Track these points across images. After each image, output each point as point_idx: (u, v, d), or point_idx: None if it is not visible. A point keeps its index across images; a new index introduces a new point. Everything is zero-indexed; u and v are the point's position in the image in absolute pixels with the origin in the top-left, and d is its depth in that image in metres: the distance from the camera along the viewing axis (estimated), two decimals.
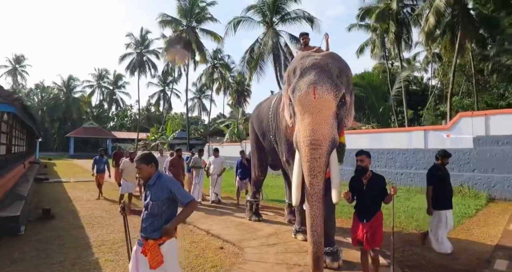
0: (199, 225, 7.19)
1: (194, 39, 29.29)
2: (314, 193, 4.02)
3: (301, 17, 21.92)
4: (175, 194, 3.05)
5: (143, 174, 3.14)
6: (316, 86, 4.22)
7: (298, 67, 4.63)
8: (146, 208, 3.06)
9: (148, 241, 2.97)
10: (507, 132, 10.79)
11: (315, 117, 4.15)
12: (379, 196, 4.07)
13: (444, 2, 17.01)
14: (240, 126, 22.83)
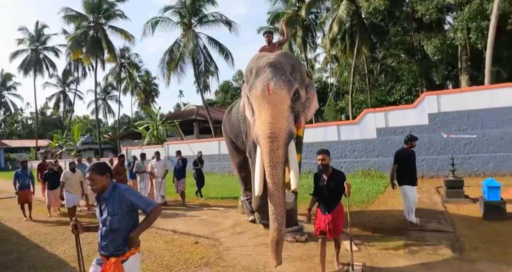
0: (163, 226, 7.61)
1: (103, 36, 27.63)
2: (274, 183, 4.33)
3: (219, 20, 22.81)
4: (137, 204, 2.84)
5: (97, 186, 2.84)
6: (270, 83, 4.58)
7: (254, 67, 5.03)
8: (104, 224, 2.80)
9: (110, 260, 2.76)
10: (401, 124, 13.52)
11: (271, 112, 4.47)
12: (339, 190, 4.37)
13: (345, 13, 19.84)
14: (160, 127, 22.66)
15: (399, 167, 6.36)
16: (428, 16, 19.35)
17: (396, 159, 6.43)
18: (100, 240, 2.82)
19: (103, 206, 2.84)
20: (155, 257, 5.60)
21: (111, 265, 2.72)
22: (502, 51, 22.29)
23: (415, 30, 24.77)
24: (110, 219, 2.76)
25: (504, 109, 11.83)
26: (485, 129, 12.08)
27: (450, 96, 13.19)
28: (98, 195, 2.90)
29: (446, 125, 12.59)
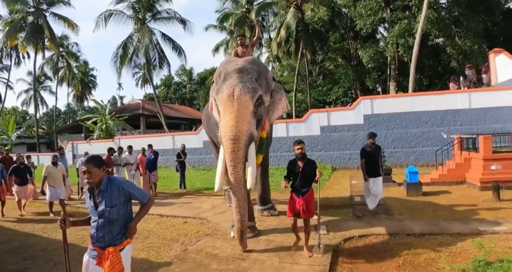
0: (150, 212, 8.54)
1: (45, 23, 26.24)
2: (236, 180, 4.75)
3: (173, 17, 23.43)
4: (135, 195, 2.99)
5: (95, 179, 2.88)
6: (235, 88, 4.89)
7: (223, 71, 5.35)
8: (101, 215, 2.87)
9: (108, 249, 2.85)
10: (341, 122, 15.91)
11: (234, 116, 4.80)
12: (311, 176, 4.92)
13: (293, 20, 21.93)
14: (110, 122, 22.66)
15: (366, 161, 7.11)
16: (365, 30, 22.39)
17: (361, 155, 7.23)
18: (95, 231, 2.87)
19: (99, 199, 2.89)
20: (157, 234, 6.59)
21: (109, 255, 2.81)
22: (424, 62, 26.38)
23: (352, 38, 27.99)
24: (109, 211, 2.84)
25: (422, 112, 14.77)
26: (407, 128, 14.92)
27: (382, 100, 15.93)
28: (90, 187, 2.96)
29: (377, 125, 15.22)
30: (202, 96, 45.77)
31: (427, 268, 4.40)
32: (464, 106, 14.51)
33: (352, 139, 15.72)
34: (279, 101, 5.88)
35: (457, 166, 10.48)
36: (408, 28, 19.39)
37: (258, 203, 7.48)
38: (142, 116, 28.73)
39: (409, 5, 20.07)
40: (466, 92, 14.96)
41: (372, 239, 5.61)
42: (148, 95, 51.06)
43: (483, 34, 21.08)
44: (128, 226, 2.95)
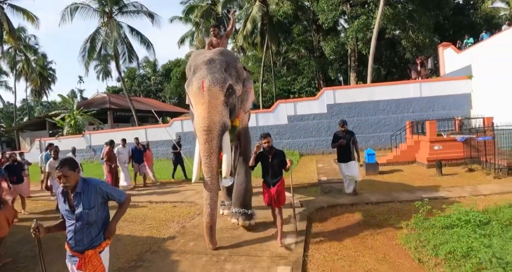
0: (137, 200, 9.19)
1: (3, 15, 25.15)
2: (209, 171, 4.83)
3: (141, 11, 23.52)
4: (112, 195, 2.97)
5: (71, 182, 2.79)
6: (204, 80, 4.94)
7: (192, 64, 5.42)
8: (79, 218, 2.79)
9: (87, 252, 2.81)
10: (307, 112, 17.24)
11: (205, 107, 4.88)
12: (280, 166, 5.15)
13: (259, 14, 22.89)
14: (78, 117, 22.60)
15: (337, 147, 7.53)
16: (326, 25, 23.83)
17: (332, 140, 7.75)
18: (73, 235, 2.80)
19: (76, 201, 2.81)
20: (152, 217, 7.35)
21: (89, 258, 2.78)
22: (382, 53, 28.38)
23: (315, 31, 29.41)
24: (87, 213, 2.78)
25: (379, 101, 16.42)
26: (366, 116, 16.53)
27: (343, 91, 17.43)
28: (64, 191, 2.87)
29: (339, 113, 16.69)
30: (168, 88, 45.71)
31: (380, 225, 5.68)
32: (416, 95, 16.31)
33: (317, 127, 17.12)
34: (250, 90, 6.09)
35: (409, 148, 12.11)
36: (366, 23, 21.03)
37: (232, 203, 6.27)
38: (109, 110, 28.66)
39: (367, 1, 21.67)
40: (417, 83, 16.79)
41: (338, 208, 6.88)
42: (111, 88, 50.10)
43: (434, 27, 23.22)
44: (107, 227, 2.94)
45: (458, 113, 15.01)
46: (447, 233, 4.77)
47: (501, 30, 16.01)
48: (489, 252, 3.85)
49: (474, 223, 4.91)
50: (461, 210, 5.42)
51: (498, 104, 13.32)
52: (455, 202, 6.12)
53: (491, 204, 6.18)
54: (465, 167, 10.15)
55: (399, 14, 21.58)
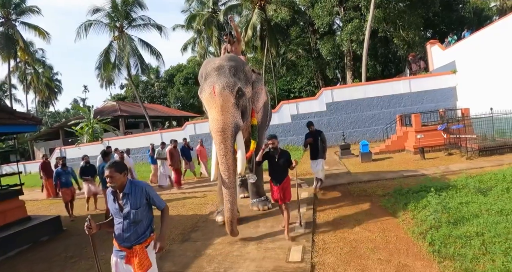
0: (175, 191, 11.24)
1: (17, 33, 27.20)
2: (225, 169, 5.16)
3: (149, 24, 25.61)
4: (153, 199, 3.23)
5: (117, 183, 3.08)
6: (215, 85, 5.37)
7: (203, 72, 5.88)
8: (127, 217, 3.08)
9: (135, 248, 3.09)
10: (308, 111, 19.23)
11: (218, 110, 5.28)
12: (286, 166, 5.54)
13: (258, 20, 24.93)
14: (96, 125, 24.65)
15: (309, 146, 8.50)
16: (322, 28, 25.89)
17: (304, 141, 8.69)
18: (121, 232, 3.09)
19: (124, 201, 3.10)
20: (190, 203, 9.25)
21: (136, 253, 3.06)
22: (377, 50, 30.35)
23: (312, 32, 31.43)
24: (134, 212, 3.07)
25: (373, 98, 18.39)
26: (362, 111, 18.51)
27: (340, 90, 19.42)
28: (114, 191, 3.16)
29: (338, 110, 18.67)
30: (172, 93, 47.72)
31: (369, 195, 7.67)
32: (406, 91, 18.29)
33: (317, 123, 18.97)
34: (261, 90, 6.51)
35: (398, 138, 14.09)
36: (359, 26, 23.01)
37: (250, 196, 7.59)
38: (120, 117, 30.68)
39: (359, 6, 23.65)
40: (407, 79, 18.77)
41: (337, 186, 8.87)
42: (116, 96, 52.18)
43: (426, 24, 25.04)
44: (160, 237, 3.22)
45: (446, 105, 16.95)
46: (415, 196, 6.76)
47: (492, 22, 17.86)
48: (439, 203, 5.80)
49: (434, 189, 6.88)
50: (427, 181, 7.41)
51: (478, 96, 15.30)
52: (428, 178, 8.11)
53: (456, 178, 8.15)
54: (445, 152, 12.10)
55: (390, 16, 23.54)
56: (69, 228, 8.14)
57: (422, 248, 4.60)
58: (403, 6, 23.57)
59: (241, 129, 5.64)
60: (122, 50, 24.43)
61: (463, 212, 5.42)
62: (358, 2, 23.27)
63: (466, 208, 5.65)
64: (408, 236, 5.12)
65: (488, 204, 5.71)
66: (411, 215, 5.89)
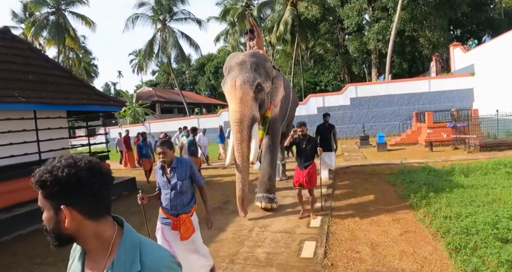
0: (206, 173, 13.94)
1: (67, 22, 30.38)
2: (240, 156, 5.68)
3: (189, 18, 28.24)
4: (194, 174, 3.74)
5: (168, 158, 3.59)
6: (236, 79, 5.83)
7: (227, 66, 6.36)
8: (174, 188, 3.60)
9: (181, 216, 3.58)
10: (333, 104, 21.37)
11: (237, 102, 5.75)
12: (313, 152, 6.07)
13: (290, 17, 27.04)
14: (138, 109, 27.63)
15: (319, 138, 8.65)
16: (351, 28, 27.81)
17: (316, 132, 9.04)
18: (169, 202, 3.62)
19: (171, 174, 3.63)
20: (228, 176, 11.95)
21: (183, 220, 3.57)
22: (405, 47, 31.83)
23: (340, 29, 33.23)
24: (180, 184, 3.60)
25: (394, 95, 20.33)
26: (383, 107, 20.50)
27: (364, 86, 21.43)
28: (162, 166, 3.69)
29: (360, 105, 20.73)
30: (202, 81, 50.52)
31: (378, 174, 9.92)
32: (425, 90, 20.12)
33: (341, 116, 21.23)
34: (279, 86, 6.94)
35: (413, 133, 16.12)
36: (386, 26, 24.76)
37: (257, 189, 7.43)
38: (157, 102, 33.62)
39: (386, 7, 25.36)
40: (427, 79, 20.58)
41: (352, 167, 11.16)
42: (149, 82, 55.50)
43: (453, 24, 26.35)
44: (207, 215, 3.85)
45: (462, 106, 18.70)
46: (412, 175, 8.98)
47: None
48: (425, 179, 8.01)
49: (429, 170, 9.09)
50: (426, 166, 9.62)
51: (494, 98, 17.02)
52: (428, 164, 10.28)
53: (450, 164, 10.28)
54: (452, 147, 14.10)
55: (416, 16, 25.13)
56: (144, 189, 10.84)
57: (406, 203, 6.87)
58: (430, 8, 25.05)
59: (257, 121, 6.05)
60: (165, 41, 27.14)
61: (443, 185, 7.62)
62: (386, 3, 24.97)
63: (448, 183, 7.84)
64: (399, 197, 7.40)
65: (465, 182, 7.90)
66: (406, 185, 8.14)
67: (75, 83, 9.77)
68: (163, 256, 1.19)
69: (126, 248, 1.17)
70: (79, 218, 1.13)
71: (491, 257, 3.98)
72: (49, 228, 1.14)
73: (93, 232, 1.16)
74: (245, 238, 5.44)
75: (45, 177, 1.10)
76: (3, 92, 7.22)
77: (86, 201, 1.13)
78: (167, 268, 1.16)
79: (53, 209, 1.12)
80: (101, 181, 1.16)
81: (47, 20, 30.42)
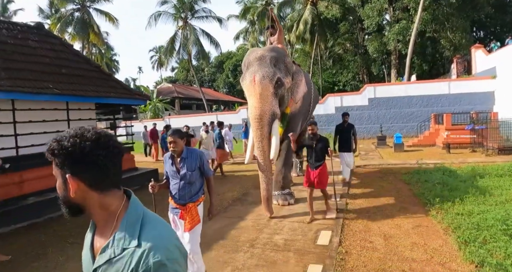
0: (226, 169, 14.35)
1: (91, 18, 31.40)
2: (261, 154, 5.60)
3: (210, 16, 28.85)
4: (203, 165, 3.73)
5: (178, 148, 3.57)
6: (255, 74, 5.71)
7: (246, 61, 6.26)
8: (183, 178, 3.60)
9: (188, 205, 3.60)
10: (351, 104, 21.48)
11: (257, 98, 5.65)
12: (324, 152, 5.78)
13: (310, 17, 27.21)
14: (158, 104, 28.39)
15: (339, 137, 8.55)
16: (371, 29, 27.78)
17: (335, 132, 8.72)
18: (177, 192, 3.64)
19: (181, 164, 3.63)
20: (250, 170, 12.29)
21: (189, 209, 3.60)
22: (425, 49, 31.58)
23: (360, 29, 33.16)
24: (189, 174, 3.60)
25: (413, 96, 20.30)
26: (401, 108, 20.49)
27: (382, 87, 21.46)
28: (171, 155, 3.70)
29: (378, 106, 20.77)
30: (221, 78, 51.11)
31: (394, 173, 10.09)
32: (445, 92, 20.00)
33: (359, 116, 21.30)
34: (300, 82, 6.86)
35: (430, 134, 16.13)
36: (406, 27, 24.66)
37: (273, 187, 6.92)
38: (176, 98, 34.32)
39: (407, 7, 25.26)
40: (446, 81, 20.46)
41: (370, 166, 11.35)
42: (168, 78, 56.47)
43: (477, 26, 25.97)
44: (210, 206, 3.81)
45: (483, 108, 18.52)
46: (429, 174, 9.13)
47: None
48: (440, 179, 8.18)
49: (444, 170, 9.22)
50: (442, 166, 9.75)
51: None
52: (444, 165, 10.40)
53: (466, 166, 10.37)
54: (470, 149, 14.08)
55: (438, 17, 24.93)
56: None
57: (419, 200, 7.06)
58: (452, 9, 24.80)
59: (277, 118, 5.98)
60: (186, 39, 27.78)
61: (457, 185, 7.78)
62: (407, 3, 24.85)
63: (462, 183, 7.98)
64: (413, 194, 7.59)
65: (480, 182, 8.03)
66: (420, 184, 8.32)
67: (103, 77, 10.28)
68: (163, 235, 1.14)
69: (129, 222, 1.15)
70: (84, 188, 1.14)
71: (498, 250, 4.21)
72: (60, 196, 1.18)
73: (98, 203, 1.17)
74: (264, 226, 5.76)
75: (53, 146, 1.13)
76: (39, 84, 7.73)
77: (90, 172, 1.14)
78: (166, 250, 1.09)
79: (62, 178, 1.15)
80: (106, 153, 1.15)
81: (72, 16, 31.43)
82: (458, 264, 4.11)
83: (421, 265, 4.12)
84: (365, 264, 4.20)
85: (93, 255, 1.20)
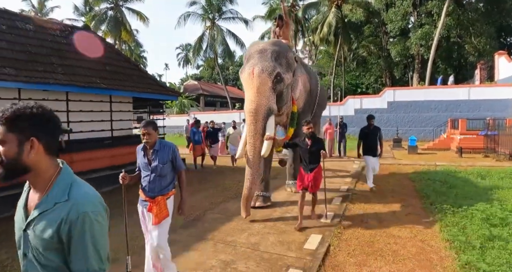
0: None
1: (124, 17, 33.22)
2: (252, 149, 5.51)
3: (236, 17, 30.12)
4: (176, 158, 3.68)
5: (152, 139, 3.52)
6: (254, 67, 5.61)
7: (247, 53, 6.20)
8: (154, 171, 3.55)
9: (157, 198, 3.55)
10: (370, 106, 22.11)
11: (254, 91, 5.54)
12: (318, 154, 5.50)
13: (334, 19, 27.91)
14: (184, 101, 29.84)
15: (363, 141, 8.32)
16: (394, 32, 28.23)
17: (359, 135, 8.54)
18: (148, 184, 3.59)
19: (153, 157, 3.58)
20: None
21: (158, 202, 3.54)
22: (451, 53, 31.65)
23: (384, 33, 33.52)
24: (161, 167, 3.57)
25: (432, 101, 20.76)
26: (420, 112, 20.98)
27: (402, 91, 22.00)
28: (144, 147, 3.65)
29: (397, 109, 21.33)
30: None
31: (403, 173, 10.85)
32: (464, 98, 20.36)
33: (378, 119, 21.60)
34: (299, 78, 6.72)
35: (446, 139, 16.65)
36: (429, 32, 25.02)
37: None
38: (201, 95, 35.71)
39: (431, 12, 25.59)
40: (466, 87, 20.79)
41: (382, 165, 12.04)
42: (193, 75, 58.18)
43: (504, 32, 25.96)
44: (181, 201, 3.70)
45: (503, 115, 18.81)
46: (434, 174, 9.87)
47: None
48: (443, 178, 8.91)
49: (449, 171, 9.91)
50: (450, 168, 10.46)
51: None
52: (452, 167, 11.08)
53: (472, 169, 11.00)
54: (483, 154, 14.57)
55: (462, 23, 25.15)
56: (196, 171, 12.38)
57: (419, 194, 7.86)
58: (477, 15, 24.96)
59: (274, 113, 5.78)
60: (214, 39, 29.11)
61: (457, 183, 8.52)
62: (431, 8, 25.18)
63: (462, 182, 8.71)
64: (415, 190, 8.39)
65: (480, 183, 8.73)
66: (424, 182, 9.09)
67: (141, 75, 11.51)
68: (90, 193, 1.35)
69: (62, 183, 1.33)
70: (41, 151, 1.28)
71: (473, 233, 5.04)
72: (8, 159, 1.25)
73: (45, 167, 1.32)
74: (277, 206, 6.76)
75: (19, 112, 1.23)
76: (88, 79, 8.98)
77: (47, 137, 1.29)
78: (91, 204, 1.30)
79: (18, 141, 1.24)
80: (57, 122, 1.34)
81: (106, 15, 33.23)
82: (436, 241, 4.97)
83: (405, 241, 5.01)
84: (357, 237, 5.13)
85: (26, 214, 1.36)
